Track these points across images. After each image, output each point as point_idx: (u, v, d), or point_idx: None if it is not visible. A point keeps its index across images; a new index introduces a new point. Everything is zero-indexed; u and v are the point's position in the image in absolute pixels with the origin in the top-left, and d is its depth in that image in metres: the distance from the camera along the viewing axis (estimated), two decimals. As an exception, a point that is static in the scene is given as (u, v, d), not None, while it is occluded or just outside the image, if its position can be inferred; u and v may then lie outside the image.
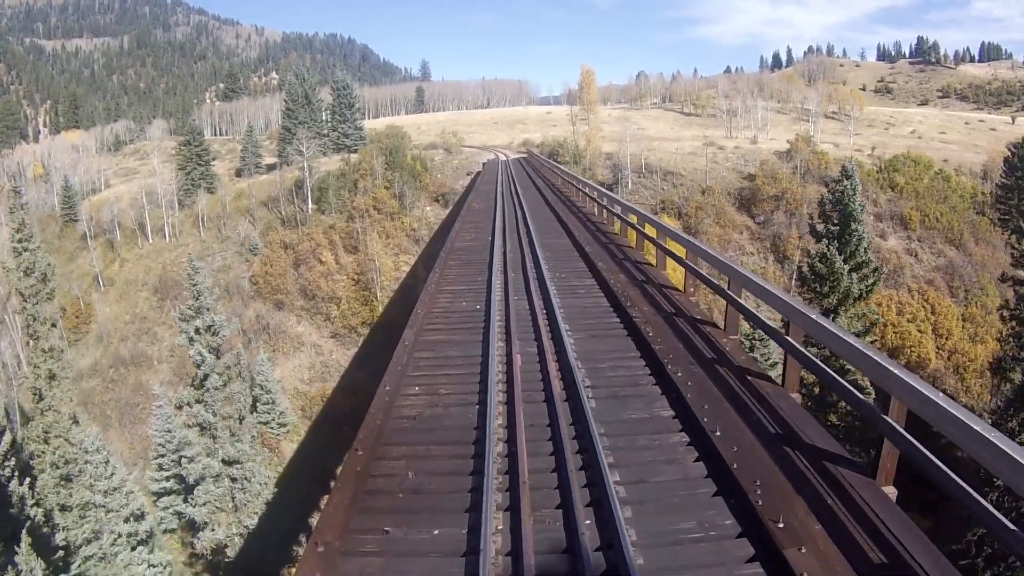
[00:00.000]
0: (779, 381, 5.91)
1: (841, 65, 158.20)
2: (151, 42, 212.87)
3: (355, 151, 57.92)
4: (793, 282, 50.17)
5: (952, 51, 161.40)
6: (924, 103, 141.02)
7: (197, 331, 21.32)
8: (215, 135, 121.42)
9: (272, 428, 41.94)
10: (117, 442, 46.20)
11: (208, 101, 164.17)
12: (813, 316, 5.38)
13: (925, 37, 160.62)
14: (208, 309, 21.63)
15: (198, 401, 20.84)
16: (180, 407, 21.95)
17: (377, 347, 43.56)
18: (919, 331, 44.79)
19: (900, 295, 47.48)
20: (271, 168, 66.32)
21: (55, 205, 77.36)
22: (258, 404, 42.26)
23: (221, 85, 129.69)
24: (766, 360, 26.52)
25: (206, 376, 20.89)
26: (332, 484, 4.89)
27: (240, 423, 22.33)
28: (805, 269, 18.09)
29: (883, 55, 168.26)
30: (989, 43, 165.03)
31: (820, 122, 77.39)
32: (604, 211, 17.35)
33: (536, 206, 20.19)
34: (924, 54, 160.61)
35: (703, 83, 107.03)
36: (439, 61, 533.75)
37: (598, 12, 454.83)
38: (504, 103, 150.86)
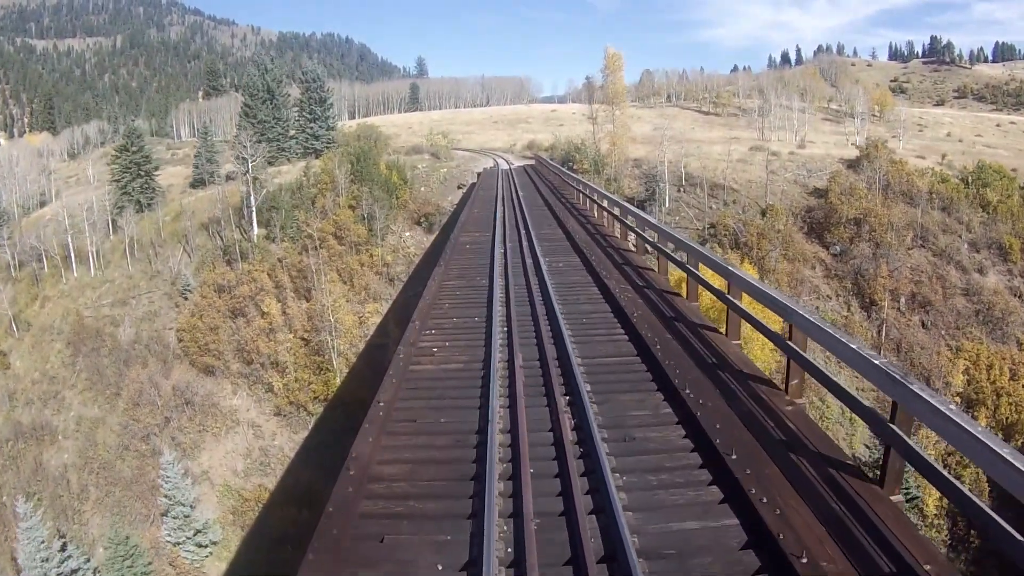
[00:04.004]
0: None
1: (853, 64, 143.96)
2: (144, 42, 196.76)
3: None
4: (883, 338, 36.74)
5: (966, 51, 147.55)
6: (940, 103, 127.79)
7: None
8: (195, 136, 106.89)
9: (188, 550, 28.60)
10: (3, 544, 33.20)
11: (200, 100, 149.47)
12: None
13: (939, 37, 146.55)
14: None
15: None
16: None
17: (332, 433, 30.18)
18: (1037, 400, 31.99)
19: (1011, 351, 34.31)
20: (231, 178, 52.65)
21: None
22: (167, 518, 29.05)
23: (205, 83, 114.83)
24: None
25: None
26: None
27: None
28: None
29: (895, 55, 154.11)
30: (1003, 43, 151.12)
31: (867, 124, 63.64)
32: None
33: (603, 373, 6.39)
34: (938, 54, 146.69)
35: (722, 79, 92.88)
36: (438, 62, 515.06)
37: (600, 15, 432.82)
38: (504, 101, 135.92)
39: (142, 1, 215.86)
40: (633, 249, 11.46)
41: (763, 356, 24.33)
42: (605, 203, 15.14)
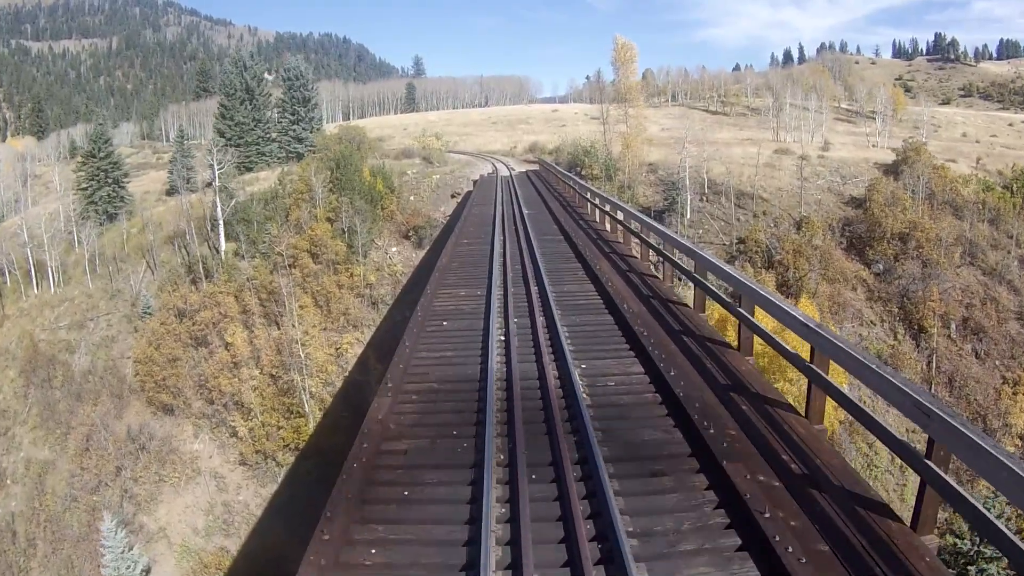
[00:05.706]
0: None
1: (856, 62, 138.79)
2: (140, 43, 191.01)
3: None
4: (933, 370, 31.67)
5: (971, 49, 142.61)
6: (946, 102, 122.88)
7: None
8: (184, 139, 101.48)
9: (132, 633, 23.75)
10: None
11: (190, 102, 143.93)
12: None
13: (943, 34, 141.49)
14: None
15: None
16: None
17: (304, 486, 25.38)
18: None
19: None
20: (209, 185, 47.73)
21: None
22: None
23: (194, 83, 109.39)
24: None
25: None
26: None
27: None
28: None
29: (899, 52, 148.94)
30: (1008, 40, 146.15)
31: (888, 124, 58.75)
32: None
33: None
34: (942, 51, 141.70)
35: (727, 77, 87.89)
36: (437, 63, 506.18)
37: (599, 15, 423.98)
38: (504, 101, 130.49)
39: (138, 2, 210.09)
40: (734, 347, 6.58)
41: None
42: (653, 238, 10.27)
